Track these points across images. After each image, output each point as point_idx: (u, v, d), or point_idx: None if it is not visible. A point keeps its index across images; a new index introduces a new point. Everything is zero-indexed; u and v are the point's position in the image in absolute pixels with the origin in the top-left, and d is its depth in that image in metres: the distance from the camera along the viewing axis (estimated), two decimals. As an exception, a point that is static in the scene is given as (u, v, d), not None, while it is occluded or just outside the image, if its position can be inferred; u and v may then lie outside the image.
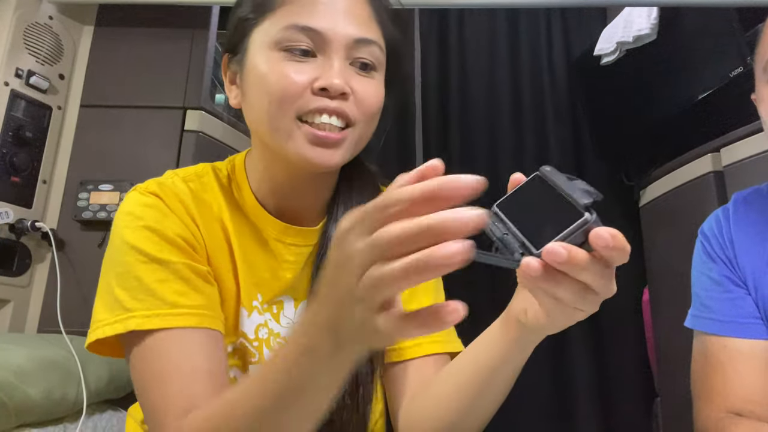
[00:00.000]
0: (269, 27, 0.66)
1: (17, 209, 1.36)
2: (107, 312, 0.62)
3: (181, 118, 1.47)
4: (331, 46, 0.65)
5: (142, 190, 0.69)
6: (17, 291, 1.37)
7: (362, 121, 0.67)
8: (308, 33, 0.65)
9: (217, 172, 0.75)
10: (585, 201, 0.40)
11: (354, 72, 0.67)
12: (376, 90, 0.69)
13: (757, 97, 0.85)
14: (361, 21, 0.67)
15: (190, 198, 0.69)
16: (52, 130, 1.46)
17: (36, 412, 0.99)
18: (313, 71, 0.64)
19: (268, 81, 0.65)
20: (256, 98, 0.67)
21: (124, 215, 0.66)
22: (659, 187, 1.85)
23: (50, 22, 1.47)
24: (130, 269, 0.63)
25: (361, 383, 0.68)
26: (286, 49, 0.65)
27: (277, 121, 0.65)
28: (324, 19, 0.65)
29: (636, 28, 1.85)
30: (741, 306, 0.84)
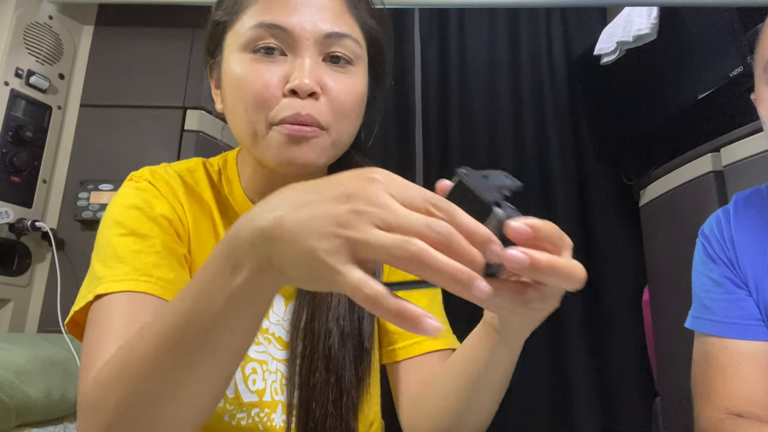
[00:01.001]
0: (239, 28, 0.66)
1: (17, 209, 1.36)
2: (84, 287, 0.61)
3: (181, 118, 1.47)
4: (300, 44, 0.63)
5: (137, 177, 0.69)
6: (17, 290, 1.37)
7: (336, 121, 0.65)
8: (275, 31, 0.63)
9: (208, 167, 0.75)
10: (491, 198, 0.39)
11: (327, 68, 0.65)
12: (353, 84, 0.66)
13: (756, 97, 0.85)
14: (332, 15, 0.65)
15: (181, 188, 0.69)
16: (52, 129, 1.46)
17: (36, 412, 0.99)
18: (283, 71, 0.63)
19: (242, 85, 0.63)
20: (232, 104, 0.66)
21: (115, 200, 0.67)
22: (659, 187, 1.85)
23: (50, 21, 1.47)
24: (109, 241, 0.63)
25: (345, 391, 0.67)
26: (255, 50, 0.64)
27: (254, 126, 0.64)
28: (292, 15, 0.63)
29: (636, 27, 1.85)
30: (742, 307, 0.84)
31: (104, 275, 0.59)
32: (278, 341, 0.70)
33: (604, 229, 2.36)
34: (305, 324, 0.69)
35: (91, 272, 0.62)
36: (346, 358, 0.68)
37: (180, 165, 0.74)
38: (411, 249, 0.34)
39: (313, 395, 0.66)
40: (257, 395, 0.66)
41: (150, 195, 0.66)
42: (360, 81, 0.68)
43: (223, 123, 1.53)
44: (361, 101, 0.68)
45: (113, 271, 0.59)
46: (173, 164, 0.74)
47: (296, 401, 0.67)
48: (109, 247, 0.62)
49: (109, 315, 0.56)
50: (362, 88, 0.68)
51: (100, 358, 0.51)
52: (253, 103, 0.63)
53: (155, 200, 0.66)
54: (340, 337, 0.68)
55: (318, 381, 0.66)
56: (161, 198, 0.66)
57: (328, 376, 0.67)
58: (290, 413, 0.66)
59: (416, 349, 0.74)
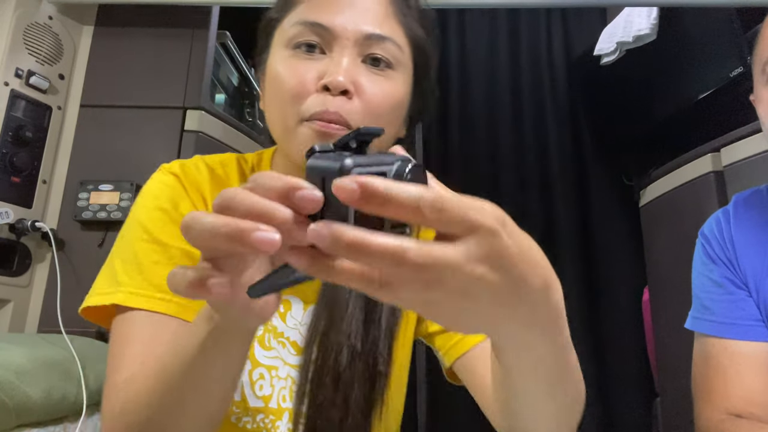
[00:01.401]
0: (285, 25, 0.66)
1: (17, 209, 1.36)
2: (101, 283, 0.64)
3: (181, 118, 1.47)
4: (339, 42, 0.63)
5: (166, 170, 0.69)
6: (17, 291, 1.37)
7: (365, 122, 0.63)
8: (317, 29, 0.63)
9: (242, 162, 0.75)
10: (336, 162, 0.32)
11: (365, 69, 0.64)
12: (391, 88, 0.65)
13: (755, 98, 0.85)
14: (375, 17, 0.65)
15: (209, 184, 0.69)
16: (52, 130, 1.46)
17: (36, 412, 0.99)
18: (320, 68, 0.63)
19: (278, 80, 0.64)
20: (269, 98, 0.67)
21: (145, 191, 0.68)
22: (659, 187, 1.85)
23: (50, 22, 1.47)
24: (132, 244, 0.64)
25: (351, 412, 0.65)
26: (296, 47, 0.64)
27: (285, 120, 0.64)
28: (335, 15, 0.63)
29: (636, 28, 1.85)
30: (742, 308, 0.84)
31: (124, 282, 0.61)
32: (293, 346, 0.69)
33: (604, 229, 2.37)
34: (322, 333, 0.67)
35: (111, 266, 0.64)
36: (354, 379, 0.66)
37: (213, 158, 0.74)
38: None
39: (320, 411, 0.65)
40: (263, 401, 0.66)
41: (175, 193, 0.67)
42: (399, 87, 0.66)
43: (223, 123, 1.54)
44: (397, 107, 0.67)
45: (133, 281, 0.61)
46: (206, 157, 0.74)
47: (304, 411, 0.65)
48: (131, 250, 0.63)
49: (131, 336, 0.59)
50: (401, 94, 0.67)
51: (121, 378, 0.56)
52: (286, 98, 0.63)
53: (180, 200, 0.66)
54: (350, 356, 0.66)
55: (325, 397, 0.65)
56: (186, 197, 0.67)
57: (335, 394, 0.65)
58: (297, 423, 0.65)
59: (462, 346, 0.70)
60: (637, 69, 1.97)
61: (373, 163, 0.32)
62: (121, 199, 1.40)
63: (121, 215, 1.38)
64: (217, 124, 1.53)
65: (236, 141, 1.59)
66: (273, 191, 0.32)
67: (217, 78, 1.86)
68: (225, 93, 1.95)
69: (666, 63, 1.85)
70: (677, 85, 1.83)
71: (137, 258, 0.62)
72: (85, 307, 0.63)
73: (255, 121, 2.13)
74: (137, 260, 0.62)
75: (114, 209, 1.39)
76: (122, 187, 1.41)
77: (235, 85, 2.04)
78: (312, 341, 0.67)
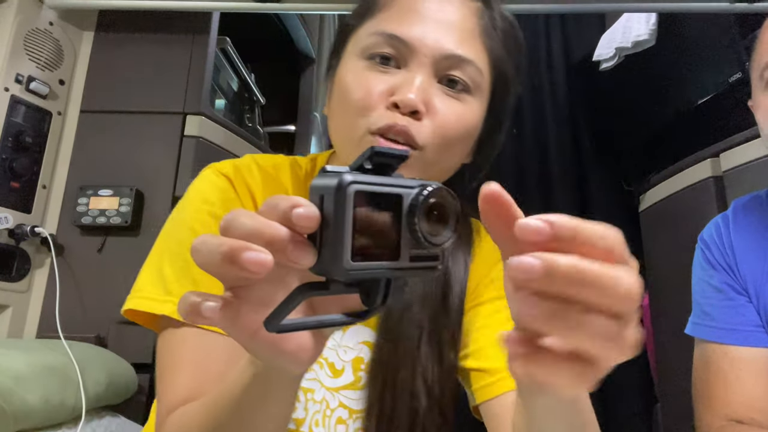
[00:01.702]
0: (361, 33, 0.63)
1: (17, 214, 1.36)
2: (150, 284, 0.60)
3: (181, 124, 1.48)
4: (416, 58, 0.59)
5: (217, 170, 0.66)
6: (16, 296, 1.37)
7: (433, 144, 0.59)
8: (394, 42, 0.59)
9: (296, 168, 0.71)
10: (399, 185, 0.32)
11: (440, 89, 0.60)
12: (465, 113, 0.61)
13: (753, 104, 0.85)
14: (459, 35, 0.60)
15: (261, 188, 0.67)
16: (51, 135, 1.46)
17: (34, 418, 0.98)
18: (392, 82, 0.59)
19: (348, 90, 0.60)
20: (336, 107, 0.63)
21: (196, 192, 0.65)
22: (659, 192, 1.85)
23: (50, 27, 1.47)
24: (183, 250, 0.60)
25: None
26: (370, 57, 0.60)
27: (351, 131, 0.60)
28: (415, 27, 0.59)
29: (635, 33, 1.86)
30: (742, 314, 0.84)
31: (175, 292, 0.59)
32: (330, 367, 0.65)
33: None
34: (389, 373, 0.63)
35: (159, 269, 0.60)
36: (432, 425, 0.62)
37: (266, 159, 0.71)
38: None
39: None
40: (295, 423, 0.63)
41: (227, 197, 0.64)
42: (474, 112, 0.62)
43: (223, 129, 1.54)
44: (469, 133, 0.63)
45: (185, 291, 0.57)
46: (258, 157, 0.71)
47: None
48: (183, 258, 0.60)
49: (183, 355, 0.57)
50: (475, 120, 0.63)
51: (173, 400, 0.54)
52: (353, 110, 0.59)
53: (232, 205, 0.64)
54: (427, 401, 0.62)
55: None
56: (238, 202, 0.64)
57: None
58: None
59: (495, 389, 0.65)
60: (636, 74, 1.97)
61: (385, 184, 0.30)
62: (121, 204, 1.40)
63: (121, 220, 1.38)
64: (217, 130, 1.53)
65: (236, 146, 1.59)
66: (277, 211, 0.31)
67: (217, 83, 1.86)
68: (225, 98, 1.95)
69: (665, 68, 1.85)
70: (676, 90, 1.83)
71: (190, 269, 0.59)
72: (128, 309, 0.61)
73: (255, 126, 2.13)
74: (190, 272, 0.59)
75: (113, 214, 1.39)
76: (122, 193, 1.41)
77: (235, 91, 2.04)
78: (377, 379, 0.63)
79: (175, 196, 1.42)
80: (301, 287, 0.31)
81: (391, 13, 0.61)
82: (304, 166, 0.72)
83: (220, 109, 1.93)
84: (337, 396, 0.65)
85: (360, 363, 0.67)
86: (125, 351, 1.32)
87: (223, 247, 0.30)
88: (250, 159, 0.70)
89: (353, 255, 0.29)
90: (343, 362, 0.66)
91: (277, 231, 0.30)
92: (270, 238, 0.30)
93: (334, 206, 0.29)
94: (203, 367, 0.56)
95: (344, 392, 0.65)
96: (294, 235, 0.30)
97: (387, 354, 0.64)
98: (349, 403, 0.65)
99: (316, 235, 0.30)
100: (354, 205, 0.29)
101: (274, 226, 0.30)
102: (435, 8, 0.61)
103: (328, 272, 0.30)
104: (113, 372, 1.22)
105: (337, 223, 0.28)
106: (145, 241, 1.40)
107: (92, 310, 1.37)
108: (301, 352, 0.37)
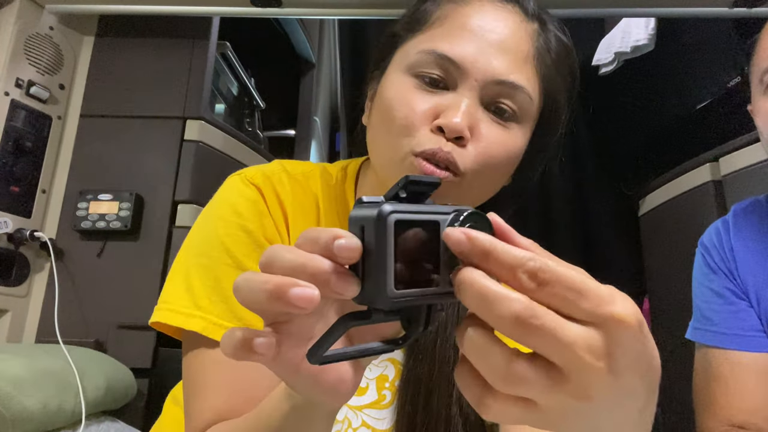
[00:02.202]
0: (410, 48, 0.60)
1: (16, 219, 1.36)
2: (177, 297, 0.59)
3: (181, 128, 1.48)
4: (465, 81, 0.56)
5: (246, 179, 0.64)
6: (15, 301, 1.36)
7: (474, 172, 0.57)
8: (444, 62, 0.57)
9: (326, 176, 0.69)
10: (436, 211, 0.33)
11: (486, 115, 0.58)
12: (508, 141, 0.58)
13: (753, 108, 0.85)
14: (513, 59, 0.57)
15: (290, 198, 0.65)
16: (51, 139, 1.46)
17: (33, 423, 0.98)
18: (438, 103, 0.57)
19: (392, 106, 0.58)
20: (378, 122, 0.61)
21: (225, 203, 0.63)
22: (658, 197, 1.85)
23: (51, 32, 1.48)
24: (214, 266, 0.59)
25: None
26: (417, 75, 0.58)
27: (392, 150, 0.58)
28: (468, 48, 0.57)
29: (634, 38, 1.86)
30: (743, 318, 0.84)
31: (205, 307, 0.58)
32: None
33: (604, 239, 2.36)
34: (421, 396, 0.61)
35: (187, 282, 0.59)
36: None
37: (295, 167, 0.69)
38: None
39: None
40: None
41: (259, 210, 0.62)
42: (519, 140, 0.60)
43: (222, 133, 1.54)
44: (511, 162, 0.61)
45: (216, 308, 0.57)
46: (287, 164, 0.69)
47: None
48: (213, 274, 0.59)
49: (214, 374, 0.56)
50: (518, 148, 0.61)
51: (203, 421, 0.54)
52: (396, 128, 0.57)
53: (264, 219, 0.62)
54: (463, 429, 0.61)
55: None
56: (268, 217, 0.63)
57: None
58: None
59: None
60: (635, 79, 1.98)
61: (422, 212, 0.31)
62: (121, 209, 1.39)
63: (120, 225, 1.38)
64: (217, 134, 1.54)
65: (236, 150, 1.59)
66: (317, 244, 0.31)
67: (217, 88, 1.86)
68: (225, 103, 1.95)
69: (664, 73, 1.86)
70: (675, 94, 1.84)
71: (220, 284, 0.58)
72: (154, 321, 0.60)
73: (255, 130, 2.13)
74: (220, 286, 0.58)
75: (113, 219, 1.39)
76: (122, 197, 1.41)
77: (235, 95, 2.04)
78: (409, 401, 0.61)
79: (175, 201, 1.42)
80: (344, 318, 0.32)
81: (443, 30, 0.59)
82: (335, 174, 0.70)
83: (220, 114, 1.93)
84: (360, 415, 0.64)
85: (384, 381, 0.65)
86: (124, 356, 1.32)
87: (269, 284, 0.30)
88: (278, 166, 0.68)
89: (396, 283, 0.29)
90: (368, 380, 0.65)
91: (320, 264, 0.30)
92: (314, 271, 0.30)
93: (376, 236, 0.29)
94: (235, 388, 0.55)
95: (368, 411, 0.64)
96: (337, 267, 0.30)
97: (420, 375, 0.62)
98: (372, 422, 0.64)
99: (358, 266, 0.31)
100: (395, 234, 0.29)
101: (316, 259, 0.30)
102: (489, 28, 0.58)
103: (371, 301, 0.30)
104: (112, 377, 1.21)
105: (380, 253, 0.29)
106: (144, 246, 1.40)
107: (92, 314, 1.36)
108: (341, 385, 0.37)
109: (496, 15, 0.59)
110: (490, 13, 0.59)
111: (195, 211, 1.42)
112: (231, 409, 0.54)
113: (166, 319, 0.59)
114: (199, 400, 0.56)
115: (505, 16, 0.60)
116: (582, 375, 0.28)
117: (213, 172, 1.47)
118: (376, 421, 0.64)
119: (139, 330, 1.34)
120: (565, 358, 0.28)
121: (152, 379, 1.36)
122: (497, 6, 0.60)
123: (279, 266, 0.31)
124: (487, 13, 0.59)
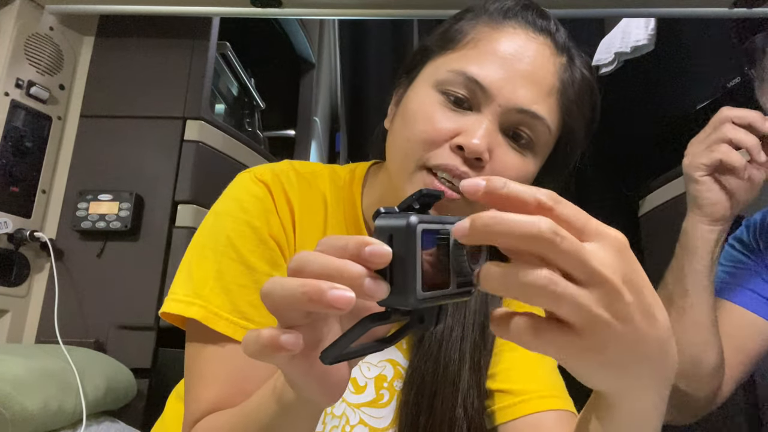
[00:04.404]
0: (441, 64, 0.62)
1: (16, 219, 1.36)
2: (182, 286, 0.61)
3: (181, 128, 1.47)
4: (489, 105, 0.58)
5: (255, 177, 0.66)
6: (15, 301, 1.36)
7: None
8: (472, 84, 0.59)
9: (335, 177, 0.71)
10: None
11: (504, 141, 0.60)
12: (525, 168, 0.61)
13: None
14: (538, 90, 0.59)
15: (298, 196, 0.67)
16: (51, 140, 1.46)
17: (33, 424, 0.98)
18: (460, 123, 0.58)
19: (415, 118, 0.60)
20: (399, 129, 0.63)
21: (233, 200, 0.65)
22: (659, 197, 1.85)
23: (51, 32, 1.48)
24: (218, 258, 0.61)
25: None
26: (444, 93, 0.60)
27: (407, 160, 0.60)
28: (496, 74, 0.58)
29: (634, 38, 1.86)
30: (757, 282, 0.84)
31: (205, 296, 0.59)
32: (353, 383, 0.65)
33: (604, 238, 2.36)
34: (425, 398, 0.62)
35: (190, 272, 0.61)
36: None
37: (304, 167, 0.71)
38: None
39: None
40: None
41: (266, 207, 0.64)
42: (532, 168, 0.62)
43: (222, 133, 1.54)
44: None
45: (218, 299, 0.59)
46: (296, 164, 0.71)
47: None
48: (216, 266, 0.61)
49: (216, 364, 0.58)
50: (531, 174, 0.63)
51: (202, 410, 0.56)
52: (416, 139, 0.59)
53: (271, 216, 0.64)
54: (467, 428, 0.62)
55: None
56: (275, 214, 0.64)
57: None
58: None
59: (519, 410, 0.65)
60: (635, 79, 1.97)
61: (436, 221, 0.34)
62: (120, 209, 1.39)
63: (120, 225, 1.38)
64: (217, 134, 1.53)
65: (236, 151, 1.59)
66: (345, 250, 0.33)
67: (217, 88, 1.86)
68: (225, 103, 1.95)
69: (664, 74, 1.86)
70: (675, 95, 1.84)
71: (223, 277, 0.60)
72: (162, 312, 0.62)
73: (255, 130, 2.13)
74: (223, 279, 0.60)
75: (113, 219, 1.39)
76: (121, 197, 1.41)
77: (235, 95, 2.04)
78: (412, 403, 0.62)
79: (175, 201, 1.42)
80: (365, 319, 0.34)
81: (476, 53, 0.60)
82: (344, 176, 0.72)
83: (220, 114, 1.93)
84: (358, 413, 0.65)
85: (383, 381, 0.67)
86: (124, 356, 1.32)
87: (307, 287, 0.32)
88: (288, 165, 0.70)
89: (423, 286, 0.32)
90: (366, 379, 0.66)
91: (355, 269, 0.32)
92: (350, 275, 0.32)
93: (406, 243, 0.32)
94: (231, 380, 0.57)
95: (366, 409, 0.65)
96: (369, 271, 0.32)
97: (424, 377, 0.63)
98: (370, 421, 0.65)
99: (386, 270, 0.33)
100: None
101: (350, 264, 0.32)
102: (520, 57, 0.60)
103: (400, 303, 0.33)
104: (112, 377, 1.21)
105: (409, 258, 0.32)
106: (144, 246, 1.40)
107: (91, 315, 1.36)
108: (340, 384, 0.40)
109: (528, 45, 0.61)
110: (523, 42, 0.61)
111: (195, 211, 1.42)
112: (226, 400, 0.56)
113: (169, 308, 0.60)
114: (196, 390, 0.58)
115: (536, 48, 0.61)
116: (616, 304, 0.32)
117: (213, 173, 1.47)
118: (374, 420, 0.65)
119: (139, 330, 1.34)
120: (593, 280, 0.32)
121: (152, 379, 1.36)
122: (530, 36, 0.62)
123: (310, 271, 0.33)
124: (519, 42, 0.61)
